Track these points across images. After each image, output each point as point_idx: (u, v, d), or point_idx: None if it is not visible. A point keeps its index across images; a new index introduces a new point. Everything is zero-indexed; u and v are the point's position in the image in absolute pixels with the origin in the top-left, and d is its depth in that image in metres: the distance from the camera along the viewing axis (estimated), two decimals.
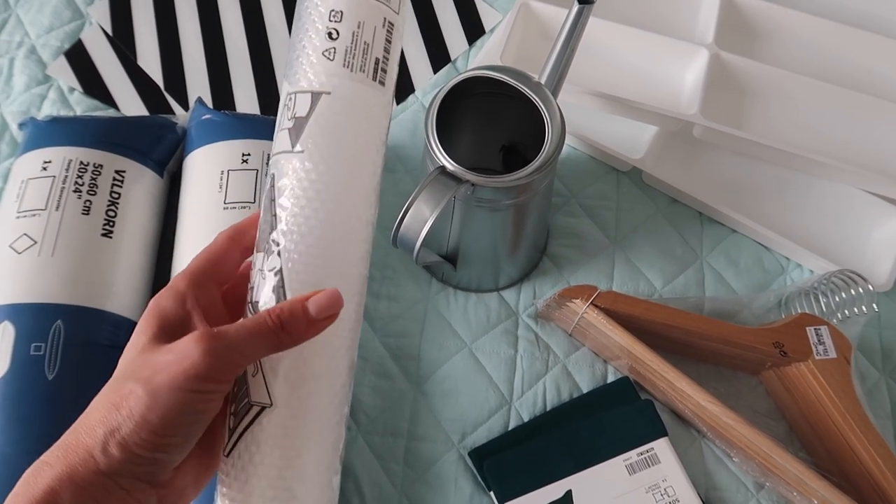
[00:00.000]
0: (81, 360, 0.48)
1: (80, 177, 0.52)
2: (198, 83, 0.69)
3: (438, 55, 0.71)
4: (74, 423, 0.27)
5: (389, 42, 0.32)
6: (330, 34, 0.31)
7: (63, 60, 0.69)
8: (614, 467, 0.52)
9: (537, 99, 0.49)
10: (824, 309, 0.56)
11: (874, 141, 0.64)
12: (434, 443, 0.54)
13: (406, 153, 0.66)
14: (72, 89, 0.67)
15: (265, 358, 0.29)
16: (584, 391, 0.56)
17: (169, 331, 0.28)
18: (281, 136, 0.31)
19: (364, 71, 0.31)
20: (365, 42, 0.31)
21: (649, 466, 0.52)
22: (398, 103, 0.69)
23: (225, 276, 0.32)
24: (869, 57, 0.67)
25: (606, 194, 0.64)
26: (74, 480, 0.25)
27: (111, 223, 0.52)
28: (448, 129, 0.50)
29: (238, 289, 0.33)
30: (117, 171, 0.54)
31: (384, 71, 0.32)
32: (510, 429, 0.55)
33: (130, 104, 0.67)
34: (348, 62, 0.31)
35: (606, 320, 0.53)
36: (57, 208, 0.51)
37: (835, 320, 0.56)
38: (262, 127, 0.56)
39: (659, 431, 0.53)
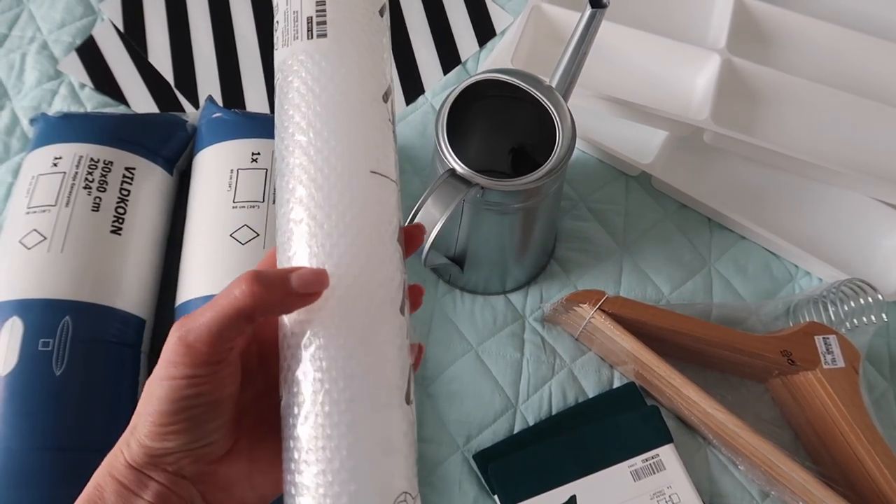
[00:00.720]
0: (89, 356, 0.48)
1: (90, 173, 0.53)
2: (208, 81, 0.69)
3: (449, 56, 0.71)
4: None
5: None
6: (273, 30, 0.31)
7: (74, 56, 0.69)
8: (619, 473, 0.52)
9: (548, 103, 0.49)
10: (833, 318, 0.56)
11: (886, 149, 0.63)
12: (439, 445, 0.54)
13: (415, 153, 0.66)
14: (83, 85, 0.68)
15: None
16: (590, 396, 0.56)
17: None
18: None
19: (298, 37, 0.30)
20: (294, 12, 0.30)
21: (654, 473, 0.52)
22: (407, 104, 0.68)
23: None
24: (882, 64, 0.66)
25: (615, 198, 0.64)
26: (113, 475, 0.27)
27: (120, 220, 0.52)
28: (458, 131, 0.50)
29: None
30: (127, 168, 0.54)
31: (322, 24, 0.30)
32: (515, 432, 0.55)
33: (141, 101, 0.67)
34: (286, 40, 0.30)
35: (613, 325, 0.53)
36: (67, 204, 0.51)
37: (843, 329, 0.56)
38: (271, 126, 0.55)
39: (664, 438, 0.53)
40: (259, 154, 0.54)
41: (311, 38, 0.30)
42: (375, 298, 0.28)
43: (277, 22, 0.31)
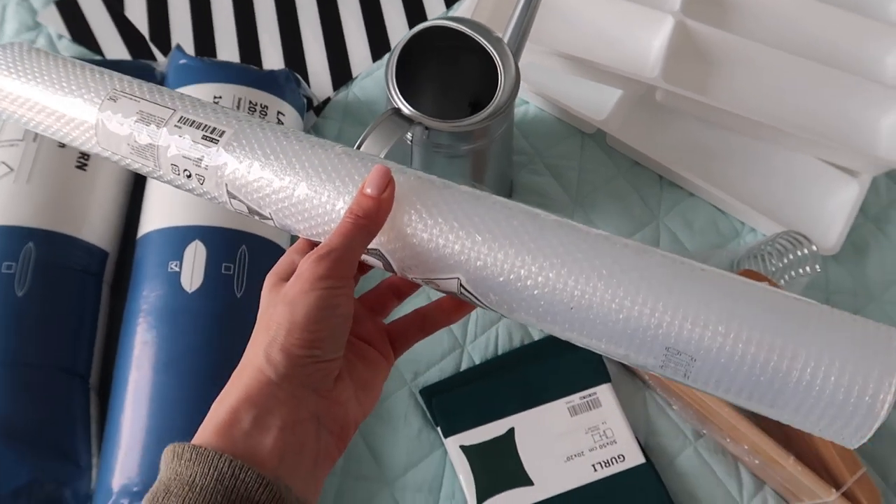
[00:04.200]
0: (52, 280, 0.50)
1: None
2: (182, 35, 0.71)
3: (416, 13, 0.73)
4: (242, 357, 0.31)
5: None
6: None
7: (53, 9, 0.71)
8: (557, 408, 0.54)
9: (493, 50, 0.51)
10: (773, 269, 0.58)
11: (833, 112, 0.65)
12: (388, 380, 0.56)
13: (380, 110, 0.68)
14: (60, 36, 0.70)
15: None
16: (536, 339, 0.59)
17: (286, 278, 0.32)
18: None
19: None
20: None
21: (591, 409, 0.54)
22: (374, 60, 0.70)
23: None
24: (832, 30, 0.68)
25: (570, 155, 0.66)
26: (250, 396, 0.29)
27: (86, 157, 0.55)
28: (413, 85, 0.51)
29: None
30: None
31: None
32: (461, 370, 0.57)
33: (116, 53, 0.70)
34: None
35: None
36: (34, 139, 0.53)
37: (782, 281, 0.58)
38: (234, 73, 0.58)
39: (603, 377, 0.56)
40: (220, 97, 0.56)
41: None
42: None
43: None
